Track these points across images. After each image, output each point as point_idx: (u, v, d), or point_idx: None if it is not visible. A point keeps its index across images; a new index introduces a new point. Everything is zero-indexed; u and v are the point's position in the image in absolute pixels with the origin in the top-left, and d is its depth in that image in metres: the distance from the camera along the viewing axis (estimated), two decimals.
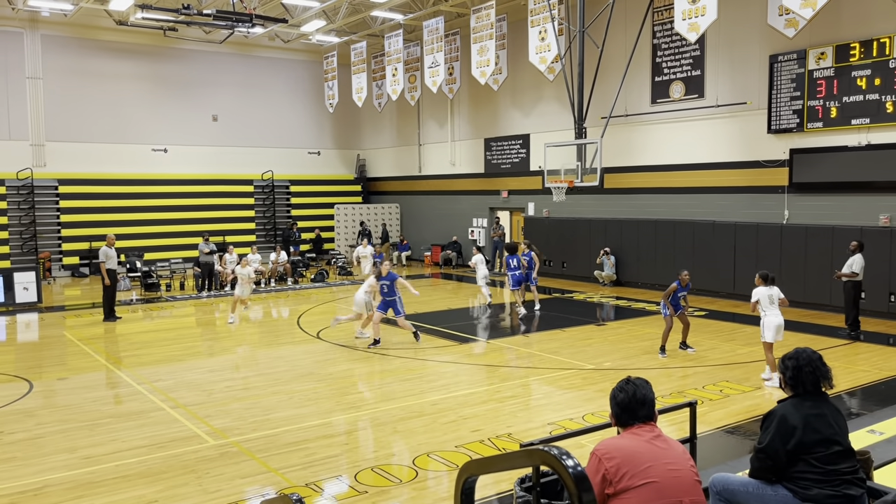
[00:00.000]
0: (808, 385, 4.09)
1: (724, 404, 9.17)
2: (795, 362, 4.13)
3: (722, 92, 17.89)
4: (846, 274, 13.36)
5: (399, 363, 11.76)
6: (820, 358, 4.15)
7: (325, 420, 8.79)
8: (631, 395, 3.57)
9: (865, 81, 15.02)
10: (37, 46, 24.20)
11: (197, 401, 9.67)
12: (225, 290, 20.52)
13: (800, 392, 4.12)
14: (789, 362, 4.17)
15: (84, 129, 25.05)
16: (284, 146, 29.32)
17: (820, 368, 4.11)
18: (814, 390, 4.10)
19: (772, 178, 16.96)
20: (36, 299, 18.45)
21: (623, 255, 20.27)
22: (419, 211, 28.94)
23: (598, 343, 13.06)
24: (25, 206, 24.09)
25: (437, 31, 22.77)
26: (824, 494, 3.89)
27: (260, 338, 14.44)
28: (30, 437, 8.25)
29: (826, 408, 4.07)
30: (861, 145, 15.29)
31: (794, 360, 4.14)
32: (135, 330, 15.38)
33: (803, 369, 4.10)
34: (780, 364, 4.25)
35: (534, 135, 23.18)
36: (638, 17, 18.35)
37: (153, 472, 7.12)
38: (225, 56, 27.61)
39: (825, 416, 4.03)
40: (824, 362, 4.16)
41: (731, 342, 12.88)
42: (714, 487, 4.30)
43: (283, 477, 6.94)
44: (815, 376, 4.09)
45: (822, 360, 4.15)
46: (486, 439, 7.93)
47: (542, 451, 2.98)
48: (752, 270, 16.82)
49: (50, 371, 11.71)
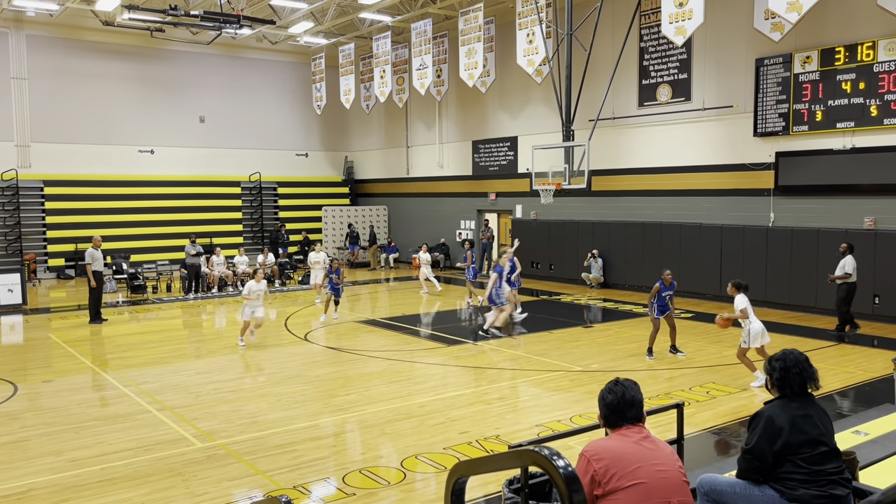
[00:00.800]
0: (794, 386, 4.12)
1: (711, 406, 9.22)
2: (783, 363, 4.16)
3: (708, 95, 18.00)
4: (839, 276, 13.48)
5: (386, 365, 11.74)
6: (807, 359, 4.19)
7: (312, 422, 8.77)
8: (620, 396, 3.59)
9: (850, 85, 15.16)
10: (22, 46, 24.00)
11: (184, 403, 9.61)
12: (212, 293, 20.43)
13: (786, 393, 4.15)
14: (776, 363, 4.20)
15: (70, 129, 24.87)
16: (272, 148, 29.23)
17: (807, 370, 4.14)
18: (800, 391, 4.13)
19: (758, 181, 17.08)
20: (21, 301, 18.28)
21: (610, 257, 20.34)
22: (407, 213, 28.93)
23: (586, 345, 13.10)
24: (10, 207, 23.87)
25: (426, 34, 22.79)
26: (810, 495, 3.92)
27: (247, 340, 14.36)
28: (14, 440, 8.17)
29: (812, 409, 4.11)
30: (846, 148, 15.43)
31: (782, 362, 4.18)
32: (121, 332, 15.27)
33: (790, 370, 4.13)
34: (767, 365, 4.28)
35: (521, 137, 23.23)
36: (625, 21, 18.45)
37: (139, 474, 7.07)
38: (212, 57, 27.50)
39: (811, 417, 4.06)
40: (811, 364, 4.19)
41: (717, 344, 12.95)
42: (702, 488, 4.32)
43: (271, 479, 6.91)
44: (803, 377, 4.12)
45: (808, 361, 4.19)
46: (474, 441, 7.93)
47: (532, 451, 2.99)
48: (738, 273, 17.00)
49: (35, 373, 11.61)
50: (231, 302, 19.14)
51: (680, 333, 12.48)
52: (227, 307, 18.44)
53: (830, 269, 14.22)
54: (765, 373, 4.35)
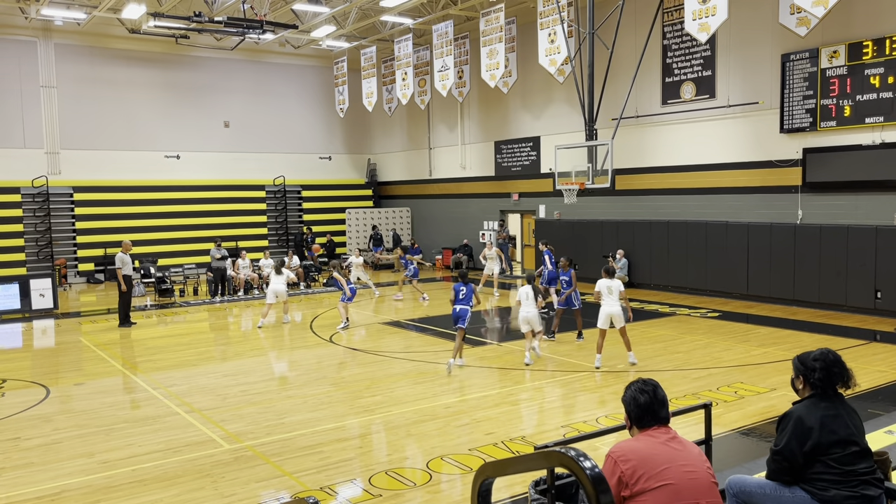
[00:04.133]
0: (831, 387, 4.09)
1: (739, 406, 9.12)
2: (823, 363, 4.12)
3: (733, 92, 17.81)
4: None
5: (411, 366, 11.76)
6: (842, 358, 4.16)
7: (338, 424, 8.81)
8: (652, 395, 3.57)
9: (879, 79, 14.92)
10: (50, 55, 24.44)
11: (211, 405, 9.71)
12: (238, 296, 20.62)
13: (818, 393, 4.10)
14: (817, 363, 4.14)
15: (98, 136, 25.28)
16: (296, 151, 29.45)
17: (846, 369, 4.12)
18: (832, 391, 4.09)
19: (785, 178, 16.86)
20: (52, 306, 18.60)
21: (635, 256, 20.18)
22: (430, 214, 28.96)
23: (611, 345, 13.00)
24: (41, 213, 24.31)
25: (447, 35, 22.81)
26: (842, 496, 3.87)
27: (273, 342, 14.49)
28: (47, 443, 8.31)
29: (842, 408, 4.06)
30: (875, 144, 15.18)
31: (822, 362, 4.12)
32: (150, 335, 15.47)
33: (831, 369, 4.09)
34: (802, 365, 4.22)
35: (544, 137, 23.15)
36: (648, 18, 18.32)
37: (169, 476, 7.16)
38: (236, 62, 27.78)
39: (841, 417, 4.01)
40: (845, 363, 4.17)
41: (745, 343, 12.80)
42: (730, 489, 4.28)
43: (298, 481, 6.96)
44: (842, 376, 4.09)
45: (843, 360, 4.17)
46: (500, 442, 7.92)
47: (559, 452, 2.98)
48: (765, 271, 16.80)
49: (66, 376, 11.80)
50: (257, 305, 19.30)
51: (707, 332, 12.35)
52: (252, 310, 18.59)
53: (860, 266, 13.98)
54: (794, 371, 4.29)
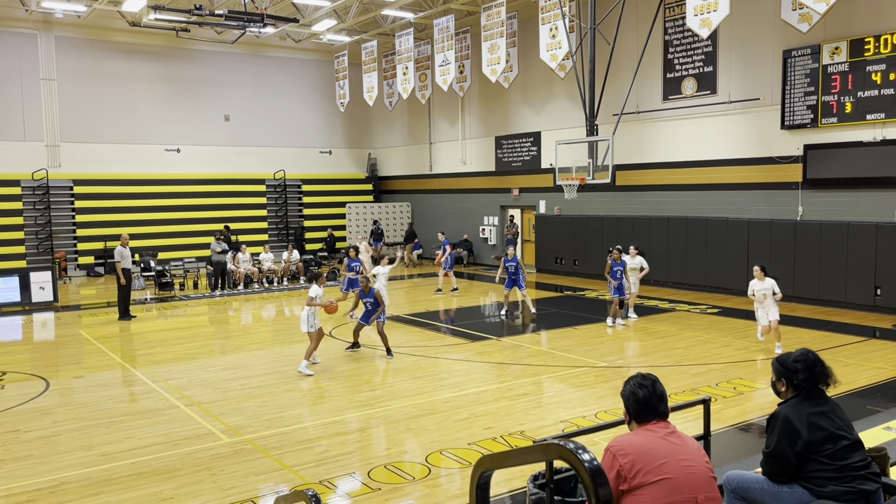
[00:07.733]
0: (814, 386, 4.11)
1: (738, 402, 9.13)
2: (805, 364, 4.14)
3: (735, 88, 17.78)
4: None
5: (410, 361, 11.77)
6: (821, 358, 4.22)
7: (338, 417, 8.83)
8: (651, 390, 3.57)
9: (880, 76, 14.89)
10: (51, 48, 24.38)
11: (211, 398, 9.72)
12: (238, 290, 20.62)
13: (802, 392, 4.12)
14: (799, 364, 4.15)
15: (98, 129, 25.24)
16: (296, 145, 29.41)
17: (826, 367, 4.17)
18: (816, 391, 4.12)
19: (786, 174, 16.84)
20: (52, 299, 18.61)
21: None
22: (430, 209, 28.95)
23: (611, 340, 13.03)
24: (41, 206, 24.29)
25: (448, 30, 22.76)
26: (839, 491, 3.88)
27: (273, 336, 14.50)
28: (46, 435, 8.32)
29: (826, 404, 4.09)
30: (876, 140, 15.16)
31: (804, 363, 4.15)
32: (149, 328, 15.48)
33: (814, 369, 4.12)
34: (782, 367, 4.23)
35: (545, 132, 23.12)
36: (649, 14, 18.28)
37: (168, 469, 7.17)
38: (237, 56, 27.73)
39: (827, 413, 4.04)
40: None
41: (744, 339, 12.81)
42: (729, 485, 4.28)
43: (297, 474, 6.97)
44: (824, 375, 4.11)
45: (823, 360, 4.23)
46: (499, 437, 7.93)
47: (557, 445, 2.98)
48: (766, 267, 16.77)
49: (66, 369, 11.81)
50: (257, 299, 19.32)
51: (706, 328, 12.37)
52: (252, 304, 18.60)
53: (860, 263, 13.99)
54: (775, 374, 4.31)
